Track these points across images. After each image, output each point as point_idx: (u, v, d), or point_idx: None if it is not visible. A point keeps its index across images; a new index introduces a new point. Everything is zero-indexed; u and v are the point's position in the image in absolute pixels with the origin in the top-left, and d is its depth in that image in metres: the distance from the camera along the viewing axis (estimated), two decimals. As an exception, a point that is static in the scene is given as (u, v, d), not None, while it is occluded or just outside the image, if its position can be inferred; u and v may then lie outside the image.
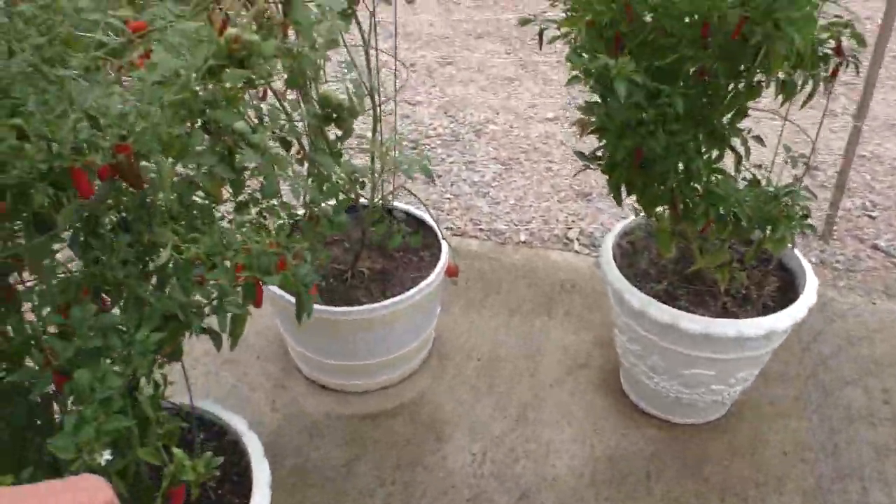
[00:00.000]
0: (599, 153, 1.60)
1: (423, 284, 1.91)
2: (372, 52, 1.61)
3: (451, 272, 2.03)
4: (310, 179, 1.45)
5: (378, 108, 1.52)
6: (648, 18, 1.43)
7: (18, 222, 0.81)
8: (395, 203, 2.20)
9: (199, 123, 1.26)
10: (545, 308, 2.41)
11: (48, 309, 0.84)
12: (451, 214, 2.86)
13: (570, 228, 2.78)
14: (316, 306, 1.89)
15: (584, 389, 2.12)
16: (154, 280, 0.99)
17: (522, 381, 2.14)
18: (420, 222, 2.20)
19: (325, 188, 1.33)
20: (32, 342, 0.83)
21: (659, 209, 1.60)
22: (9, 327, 0.83)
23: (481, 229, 2.79)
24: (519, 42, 4.00)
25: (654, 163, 1.42)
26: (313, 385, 2.12)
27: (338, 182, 1.29)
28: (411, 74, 3.74)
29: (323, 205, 1.56)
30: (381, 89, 1.68)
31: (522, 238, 2.74)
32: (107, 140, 0.84)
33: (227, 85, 1.15)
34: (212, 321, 1.06)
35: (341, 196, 1.39)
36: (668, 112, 1.35)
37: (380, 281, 2.02)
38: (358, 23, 1.57)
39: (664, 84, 1.38)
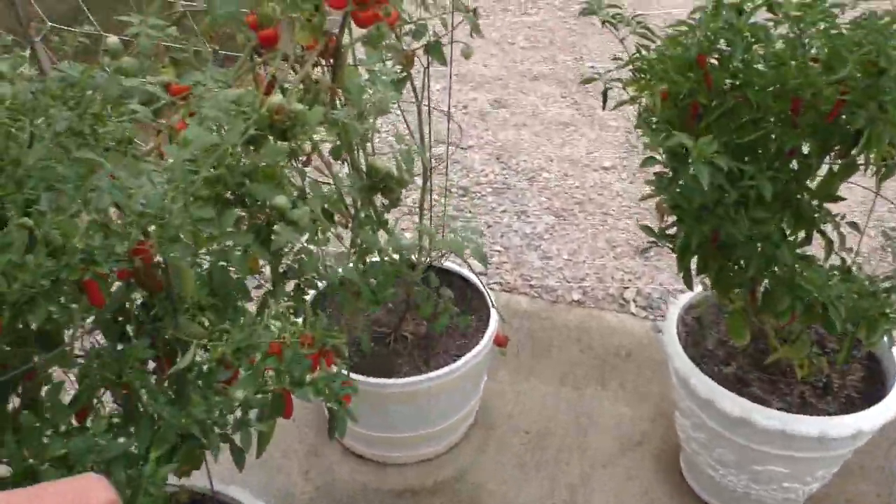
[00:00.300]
0: (670, 231, 1.46)
1: (469, 356, 1.79)
2: (423, 114, 1.51)
3: (500, 342, 1.90)
4: (352, 250, 1.35)
5: (428, 181, 1.42)
6: (728, 85, 1.30)
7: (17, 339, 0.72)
8: (444, 262, 2.09)
9: (233, 196, 1.17)
10: (598, 377, 2.25)
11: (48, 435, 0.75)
12: (501, 268, 2.74)
13: (626, 288, 2.63)
14: (355, 376, 1.79)
15: (640, 472, 1.95)
16: (169, 388, 0.89)
17: (572, 460, 1.99)
18: (467, 281, 2.08)
19: (366, 265, 1.23)
20: (32, 474, 0.73)
21: (734, 292, 1.45)
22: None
23: (532, 286, 2.65)
24: (575, 85, 3.89)
25: (733, 247, 1.28)
26: (349, 454, 2.01)
27: (383, 260, 1.19)
28: (463, 117, 3.65)
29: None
30: (433, 136, 1.58)
31: (575, 297, 2.60)
32: (124, 244, 0.75)
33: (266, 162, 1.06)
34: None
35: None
36: (750, 194, 1.21)
37: (423, 347, 1.91)
38: (411, 80, 1.48)
39: (746, 161, 1.24)
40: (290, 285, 1.38)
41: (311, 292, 1.89)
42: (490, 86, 3.95)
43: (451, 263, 2.13)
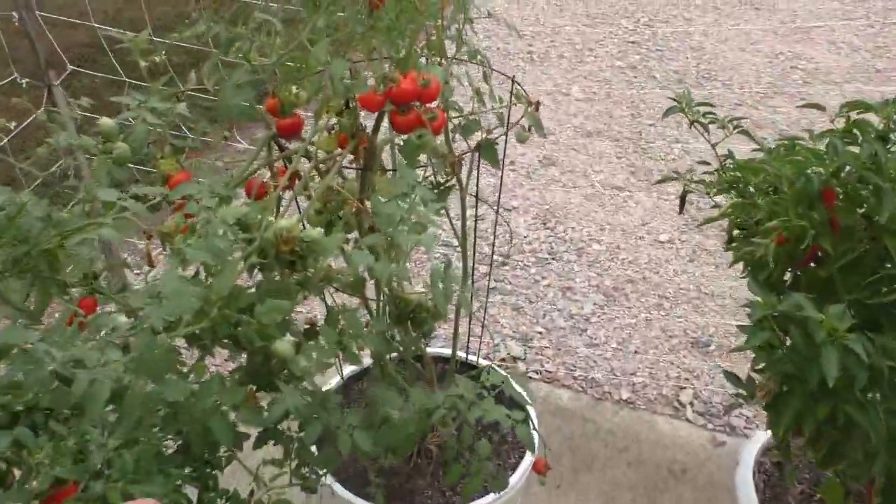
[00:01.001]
0: (759, 377, 1.18)
1: (502, 493, 1.52)
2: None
3: (540, 468, 1.63)
4: (364, 405, 1.10)
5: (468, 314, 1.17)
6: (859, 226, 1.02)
7: None
8: (479, 358, 1.84)
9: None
10: (648, 500, 1.96)
11: None
12: (542, 354, 2.47)
13: (682, 388, 2.33)
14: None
15: None
16: None
17: None
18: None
19: (382, 425, 0.98)
20: None
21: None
22: None
23: (575, 377, 2.38)
24: (632, 144, 3.62)
25: (851, 428, 1.00)
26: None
27: (403, 428, 0.94)
28: (509, 174, 3.41)
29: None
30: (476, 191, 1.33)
31: (624, 395, 2.31)
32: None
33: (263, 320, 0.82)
34: None
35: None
36: (885, 371, 0.94)
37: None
38: (459, 181, 1.23)
39: (879, 324, 0.97)
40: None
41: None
42: (539, 140, 3.71)
43: (489, 363, 1.88)
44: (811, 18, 5.12)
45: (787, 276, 1.17)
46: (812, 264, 1.03)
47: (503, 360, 2.47)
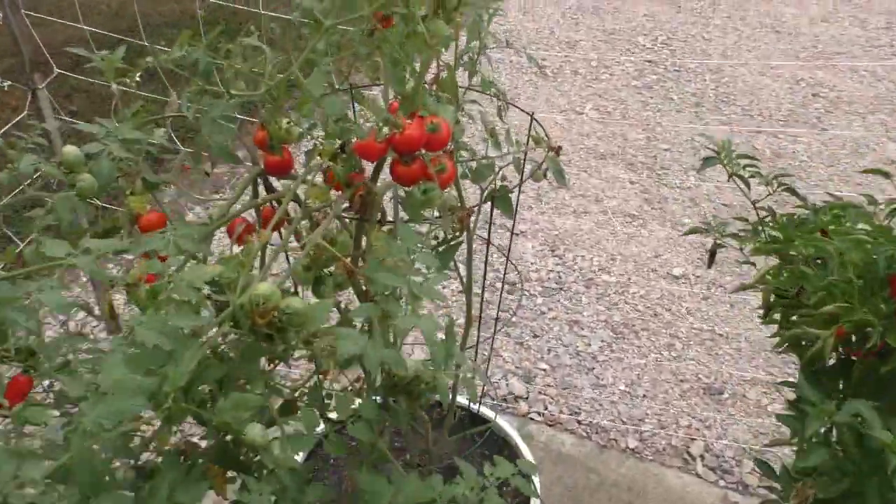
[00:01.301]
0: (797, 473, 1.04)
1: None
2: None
3: (540, 536, 1.50)
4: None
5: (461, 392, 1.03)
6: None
7: None
8: (479, 403, 1.71)
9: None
10: (654, 565, 1.83)
11: None
12: (545, 393, 2.33)
13: (692, 439, 2.19)
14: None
15: None
16: None
17: None
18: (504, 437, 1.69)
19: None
20: None
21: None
22: None
23: (579, 421, 2.24)
24: (647, 169, 3.48)
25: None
26: None
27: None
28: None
29: None
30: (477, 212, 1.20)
31: (631, 444, 2.17)
32: None
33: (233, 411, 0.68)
34: None
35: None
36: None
37: None
38: (468, 229, 1.09)
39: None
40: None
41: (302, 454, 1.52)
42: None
43: (491, 412, 1.75)
44: (833, 44, 4.98)
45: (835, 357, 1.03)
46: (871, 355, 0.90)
47: (504, 398, 2.34)
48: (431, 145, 0.84)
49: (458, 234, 0.95)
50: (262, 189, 1.09)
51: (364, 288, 0.90)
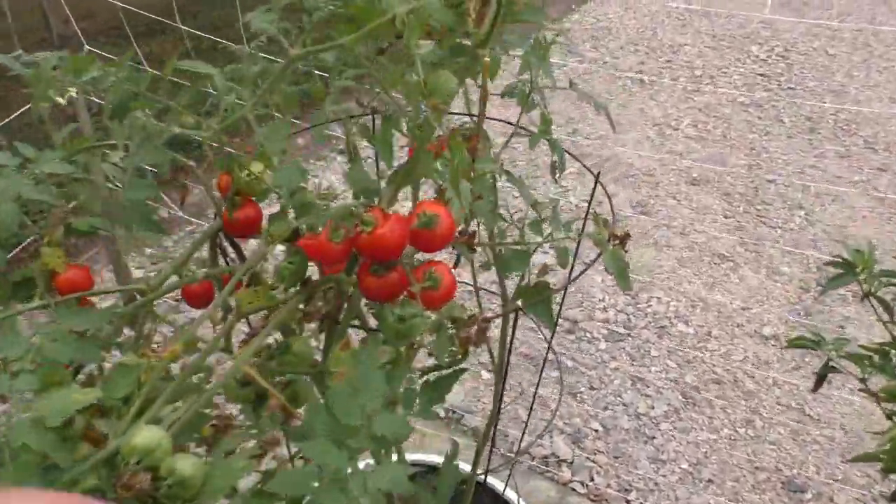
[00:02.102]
0: None
1: None
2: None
3: None
4: None
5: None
6: None
7: None
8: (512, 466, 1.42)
9: None
10: None
11: None
12: (594, 459, 2.02)
13: (763, 544, 1.85)
14: None
15: None
16: None
17: None
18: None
19: None
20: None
21: None
22: None
23: (628, 501, 1.92)
24: (745, 202, 3.07)
25: None
26: None
27: None
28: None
29: None
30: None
31: (687, 540, 1.85)
32: None
33: None
34: None
35: None
36: None
37: None
38: (487, 341, 0.80)
39: None
40: None
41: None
42: (636, 180, 3.21)
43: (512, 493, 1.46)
44: (983, 73, 4.35)
45: None
46: None
47: (546, 459, 2.04)
48: (420, 245, 0.57)
49: (460, 356, 0.67)
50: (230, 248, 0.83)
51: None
